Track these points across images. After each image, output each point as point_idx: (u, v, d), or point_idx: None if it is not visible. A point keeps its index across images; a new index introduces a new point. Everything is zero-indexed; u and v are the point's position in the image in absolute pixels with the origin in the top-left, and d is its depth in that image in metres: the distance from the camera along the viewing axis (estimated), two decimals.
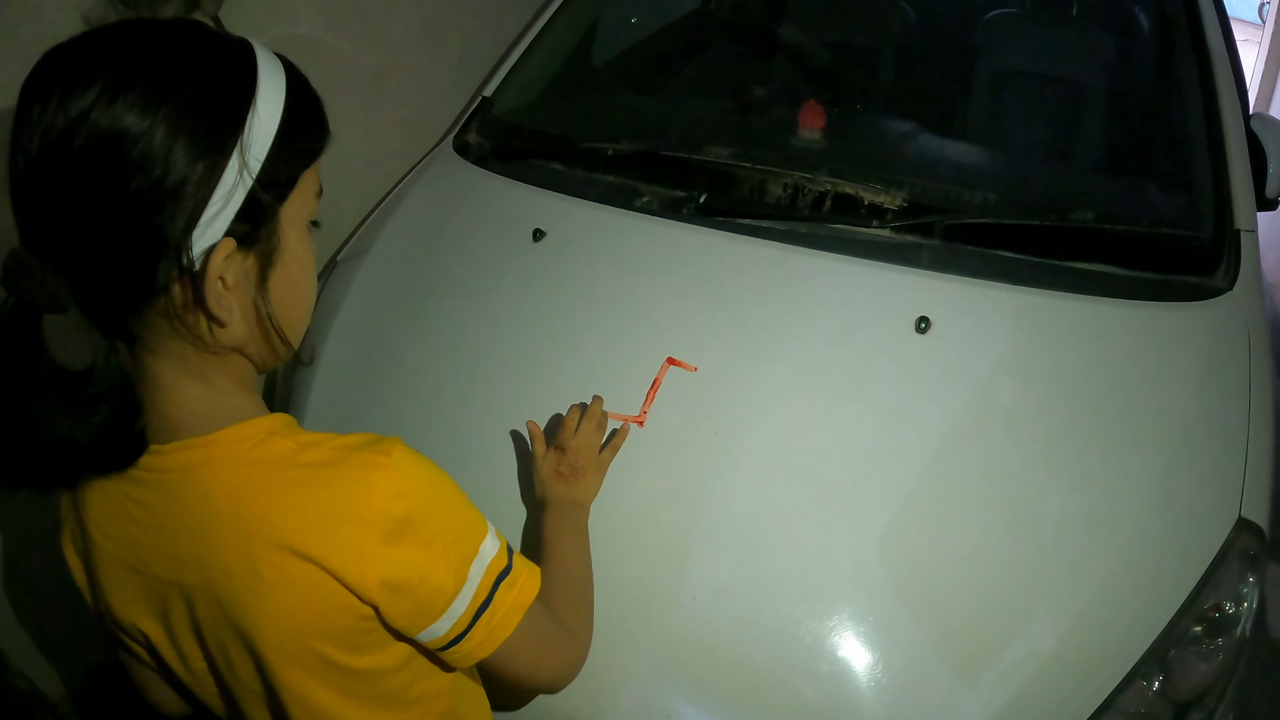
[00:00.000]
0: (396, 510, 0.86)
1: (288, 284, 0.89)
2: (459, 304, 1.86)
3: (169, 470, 0.86)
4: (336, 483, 0.85)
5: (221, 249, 0.79)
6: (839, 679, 1.33)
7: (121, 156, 0.72)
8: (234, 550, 0.85)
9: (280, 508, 0.84)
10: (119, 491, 0.89)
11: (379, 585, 0.85)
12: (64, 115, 0.72)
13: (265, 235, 0.84)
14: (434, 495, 0.91)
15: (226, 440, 0.86)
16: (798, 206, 1.91)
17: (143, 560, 0.91)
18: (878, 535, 1.45)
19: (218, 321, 0.82)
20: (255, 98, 0.80)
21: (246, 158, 0.79)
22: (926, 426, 1.55)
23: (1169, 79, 2.30)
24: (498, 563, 0.96)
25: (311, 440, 0.88)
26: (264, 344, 0.90)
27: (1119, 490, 1.48)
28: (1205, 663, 1.36)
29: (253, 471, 0.86)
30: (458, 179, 2.18)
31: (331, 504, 0.85)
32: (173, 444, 0.86)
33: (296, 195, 0.87)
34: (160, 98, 0.74)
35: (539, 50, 2.53)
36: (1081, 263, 1.77)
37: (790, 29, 2.79)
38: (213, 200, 0.77)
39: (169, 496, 0.87)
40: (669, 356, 1.66)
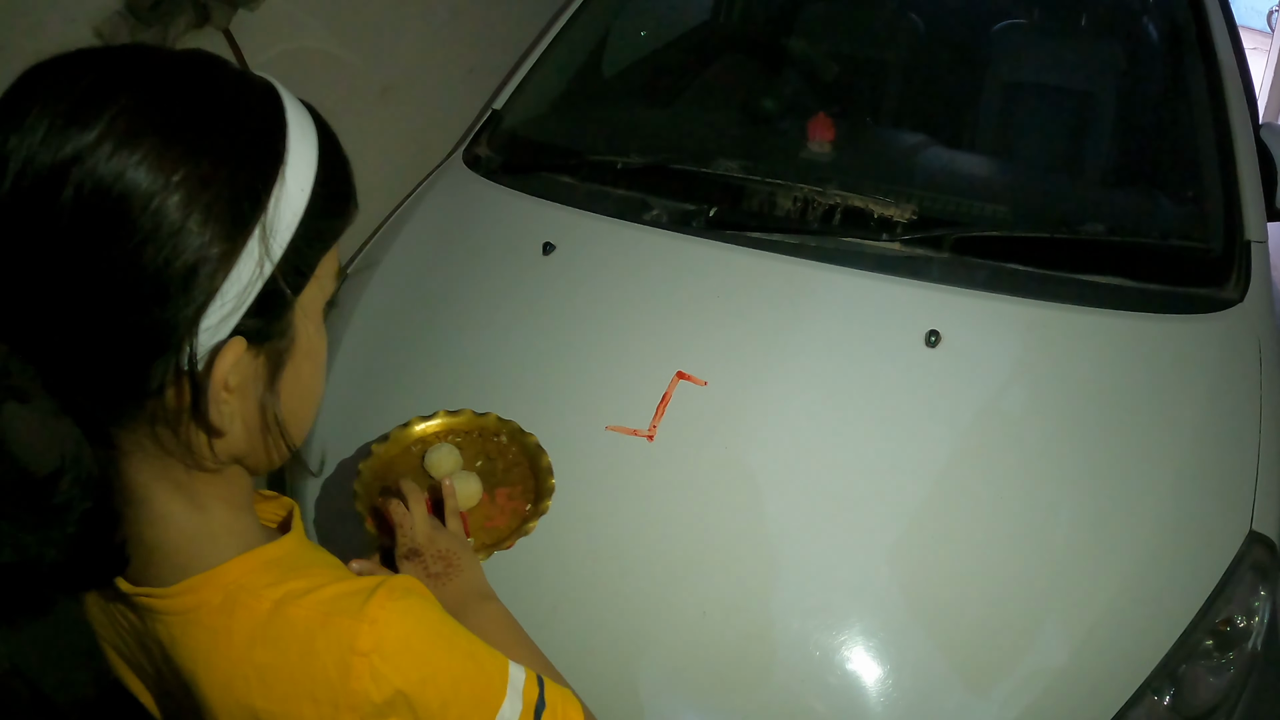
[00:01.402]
0: (377, 694, 0.71)
1: (299, 384, 0.75)
2: (469, 317, 1.86)
3: (144, 607, 0.74)
4: (310, 659, 0.71)
5: (231, 349, 0.65)
6: (849, 694, 1.33)
7: (122, 223, 0.58)
8: (205, 713, 0.73)
9: (247, 685, 0.71)
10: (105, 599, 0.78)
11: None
12: (51, 154, 0.57)
13: (279, 331, 0.70)
14: (429, 671, 0.75)
15: (193, 593, 0.72)
16: (807, 220, 1.91)
17: (135, 658, 0.81)
18: (887, 549, 1.44)
19: (216, 432, 0.68)
20: (284, 166, 0.66)
21: (270, 242, 0.65)
22: (936, 440, 1.55)
23: (1178, 89, 2.29)
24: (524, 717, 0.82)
25: (291, 593, 0.72)
26: (263, 452, 0.75)
27: (1130, 504, 1.47)
28: (1216, 677, 1.36)
29: (218, 640, 0.72)
30: (468, 192, 2.18)
31: (306, 684, 0.71)
32: (140, 589, 0.73)
33: (316, 280, 0.72)
34: (177, 154, 0.60)
35: (549, 63, 2.54)
36: (1091, 275, 1.77)
37: (799, 41, 2.79)
38: (225, 291, 0.63)
39: (145, 624, 0.75)
40: (678, 370, 1.66)
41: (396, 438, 1.43)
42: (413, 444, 1.43)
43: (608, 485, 1.53)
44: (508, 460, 1.41)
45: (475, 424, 1.46)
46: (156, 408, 0.65)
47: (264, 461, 0.76)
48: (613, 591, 1.41)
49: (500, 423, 1.45)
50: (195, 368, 0.64)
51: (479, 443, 1.44)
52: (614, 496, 1.52)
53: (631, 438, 1.59)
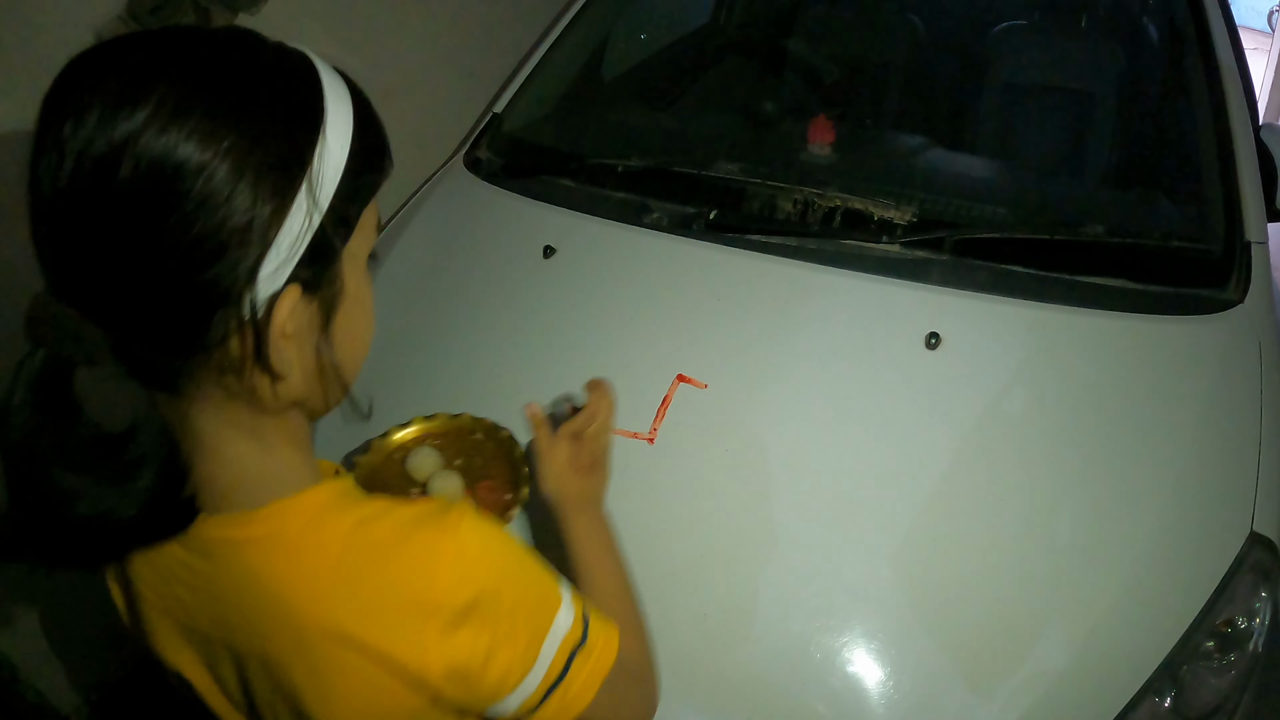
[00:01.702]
0: (462, 595, 0.77)
1: (350, 329, 0.80)
2: (469, 320, 1.87)
3: (220, 542, 0.78)
4: (396, 567, 0.77)
5: (287, 297, 0.69)
6: (850, 696, 1.33)
7: (179, 193, 0.62)
8: (286, 638, 0.77)
9: (335, 596, 0.76)
10: (168, 553, 0.80)
11: (442, 674, 0.78)
12: (106, 137, 0.61)
13: (329, 280, 0.74)
14: (504, 574, 0.83)
15: (277, 517, 0.77)
16: (807, 222, 1.92)
17: (191, 618, 0.84)
18: (888, 551, 1.45)
19: (277, 376, 0.72)
20: (324, 125, 0.70)
21: (317, 195, 0.69)
22: (937, 442, 1.55)
23: (1178, 91, 2.29)
24: (572, 636, 0.88)
25: (370, 514, 0.79)
26: (320, 396, 0.80)
27: (1130, 505, 1.47)
28: (1218, 678, 1.36)
29: (305, 556, 0.77)
30: (468, 195, 2.19)
31: (391, 591, 0.77)
32: (220, 518, 0.77)
33: (359, 231, 0.77)
34: (224, 124, 0.64)
35: (549, 66, 2.54)
36: (1091, 277, 1.77)
37: (799, 44, 2.80)
38: (279, 242, 0.67)
39: (218, 567, 0.79)
40: (679, 374, 1.66)
41: (377, 447, 1.48)
42: (393, 451, 1.49)
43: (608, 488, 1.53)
44: (485, 456, 1.48)
45: (451, 425, 1.51)
46: (223, 357, 0.70)
47: (321, 405, 0.82)
48: None
49: (475, 421, 1.51)
50: (256, 316, 0.68)
51: (457, 443, 1.49)
52: (614, 499, 1.51)
53: (632, 440, 1.59)
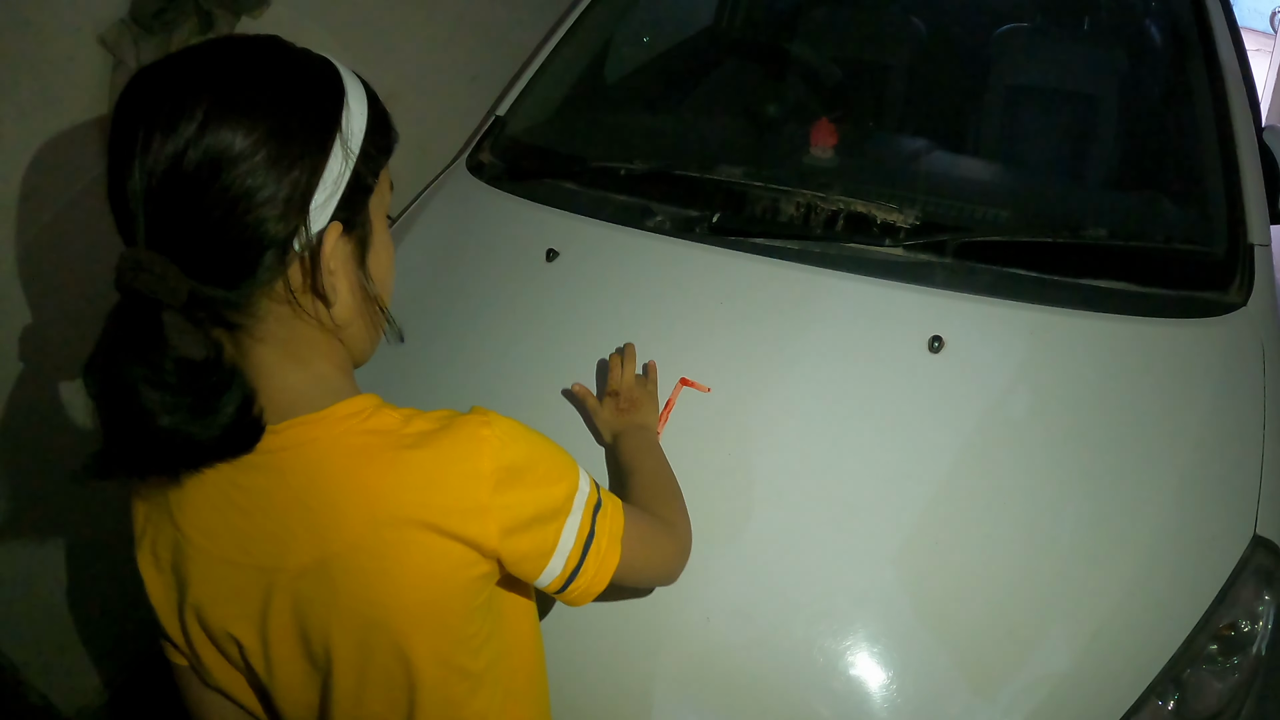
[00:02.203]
0: (505, 459, 0.94)
1: (379, 267, 0.99)
2: (472, 323, 1.87)
3: (281, 449, 0.90)
4: (447, 445, 0.92)
5: (332, 231, 0.88)
6: (853, 700, 1.33)
7: (234, 166, 0.80)
8: (354, 523, 0.90)
9: (398, 477, 0.90)
10: (223, 480, 0.92)
11: (499, 532, 0.93)
12: (174, 140, 0.78)
13: (361, 222, 0.93)
14: (534, 444, 1.01)
15: (338, 415, 0.92)
16: (810, 225, 1.92)
17: (245, 550, 0.94)
18: (892, 555, 1.45)
19: (327, 301, 0.90)
20: (346, 96, 0.90)
21: (349, 146, 0.88)
22: (940, 446, 1.55)
23: (1180, 93, 2.29)
24: (593, 496, 1.07)
25: (414, 412, 0.96)
26: (364, 325, 0.98)
27: (1133, 509, 1.47)
28: (1221, 681, 1.36)
29: (366, 442, 0.91)
30: (471, 198, 2.19)
31: (446, 464, 0.91)
32: (285, 422, 0.91)
33: (379, 187, 0.96)
34: (260, 114, 0.81)
35: (552, 69, 2.54)
36: (1094, 280, 1.76)
37: (802, 46, 2.80)
38: (322, 186, 0.86)
39: (279, 477, 0.91)
40: (682, 377, 1.67)
41: None
42: None
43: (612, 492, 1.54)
44: None
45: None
46: (283, 286, 0.87)
47: (364, 335, 1.00)
48: (617, 597, 1.41)
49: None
50: (310, 245, 0.87)
51: None
52: None
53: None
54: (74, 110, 1.91)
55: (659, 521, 1.27)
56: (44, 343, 1.94)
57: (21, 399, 1.95)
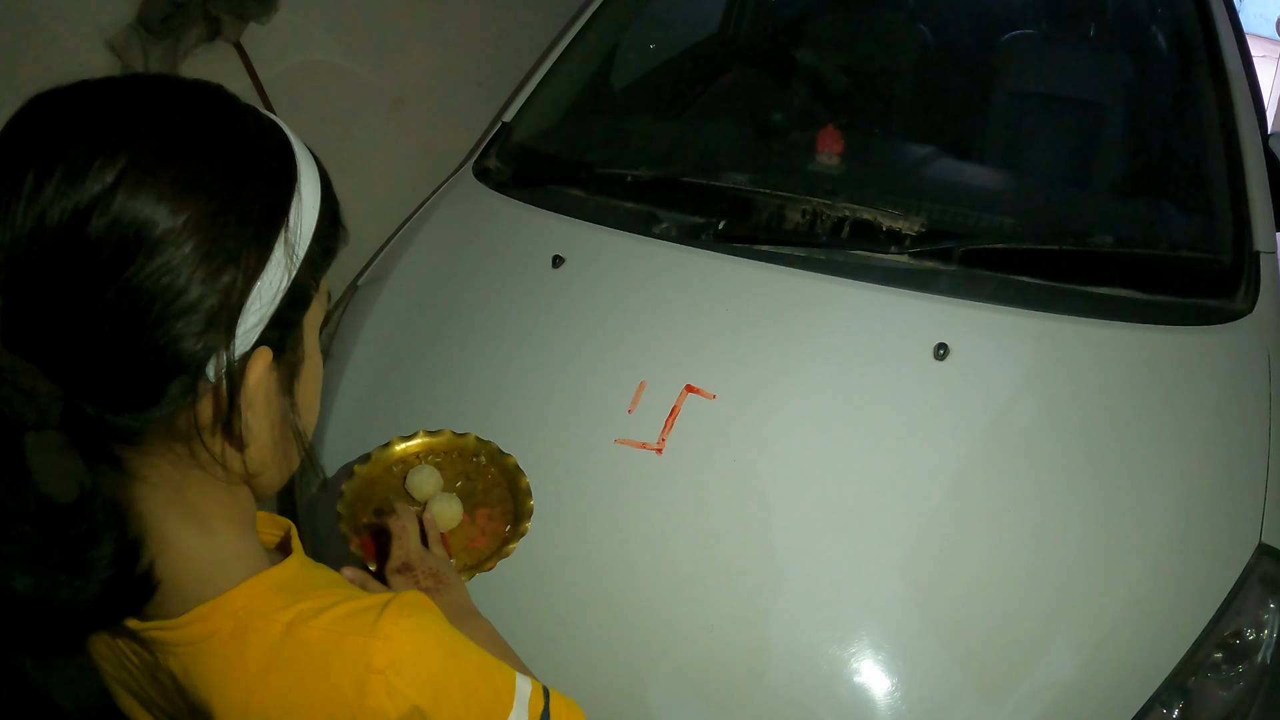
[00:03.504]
0: (395, 710, 0.73)
1: (306, 397, 0.78)
2: (478, 330, 1.87)
3: (151, 640, 0.74)
4: (326, 679, 0.72)
5: (259, 358, 0.67)
6: (858, 707, 1.33)
7: (154, 252, 0.60)
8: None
9: (265, 707, 0.72)
10: (108, 636, 0.78)
11: None
12: (75, 194, 0.59)
13: (293, 344, 0.73)
14: (443, 686, 0.77)
15: (206, 620, 0.72)
16: (816, 232, 1.92)
17: (142, 688, 0.81)
18: (895, 562, 1.45)
19: (240, 444, 0.70)
20: (298, 182, 0.70)
21: (294, 248, 0.68)
22: (945, 453, 1.55)
23: (1186, 100, 2.30)
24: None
25: (302, 614, 0.74)
26: (277, 467, 0.77)
27: (1138, 517, 1.47)
28: (1226, 690, 1.36)
29: (233, 665, 0.72)
30: (477, 204, 2.19)
31: (321, 704, 0.72)
32: (149, 623, 0.73)
33: (317, 299, 0.75)
34: (199, 185, 0.62)
35: (558, 75, 2.55)
36: (1099, 287, 1.77)
37: (808, 53, 2.80)
38: (256, 299, 0.66)
39: (156, 660, 0.75)
40: (687, 384, 1.67)
41: (378, 458, 1.44)
42: (394, 464, 1.45)
43: (617, 499, 1.54)
44: (487, 481, 1.43)
45: (455, 444, 1.47)
46: (187, 421, 0.66)
47: (276, 478, 0.78)
48: (620, 604, 1.41)
49: (479, 443, 1.46)
50: (233, 375, 0.66)
51: (459, 463, 1.45)
52: (623, 510, 1.52)
53: (641, 451, 1.59)
54: None
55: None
56: None
57: None
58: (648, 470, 1.54)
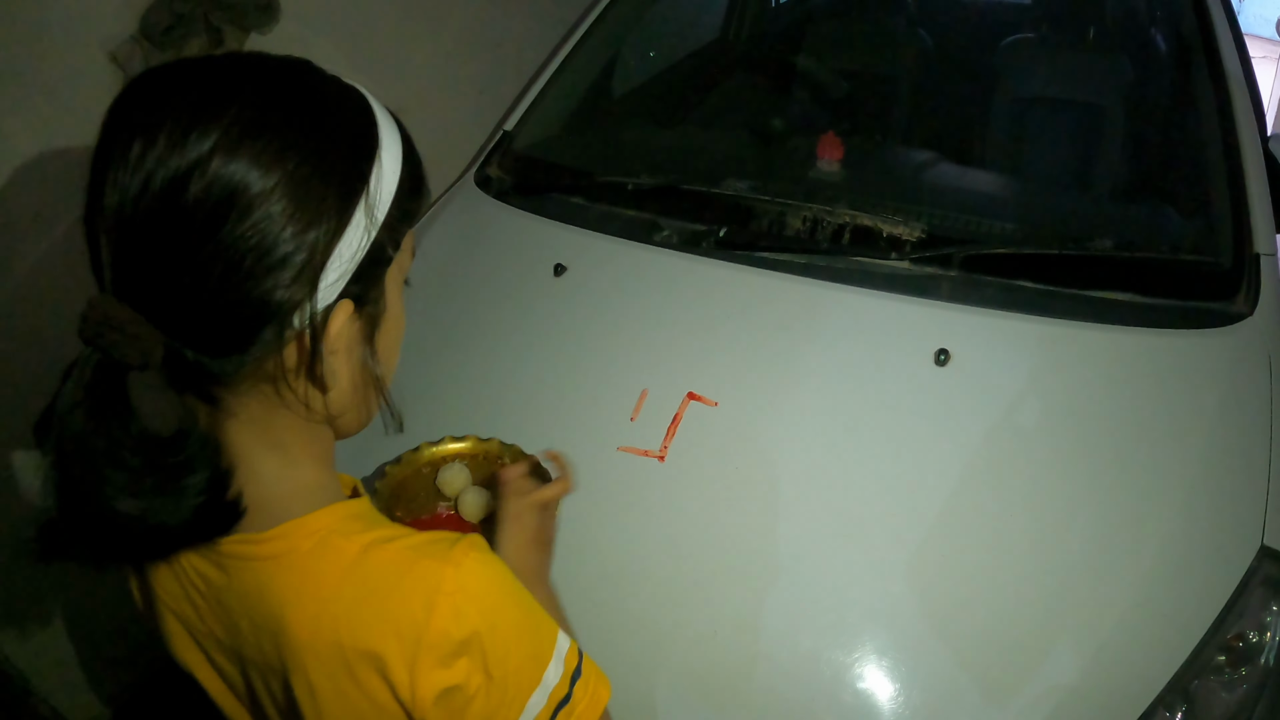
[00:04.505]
0: (457, 632, 0.78)
1: (387, 346, 0.86)
2: (480, 338, 1.88)
3: (232, 556, 0.80)
4: (397, 596, 0.78)
5: (341, 310, 0.75)
6: (860, 712, 1.33)
7: (247, 212, 0.67)
8: (288, 655, 0.79)
9: (337, 620, 0.78)
10: (185, 560, 0.84)
11: (430, 702, 0.78)
12: (177, 160, 0.66)
13: (374, 297, 0.80)
14: (500, 618, 0.82)
15: (289, 537, 0.79)
16: (817, 239, 1.92)
17: (204, 624, 0.86)
18: (898, 567, 1.45)
19: (323, 386, 0.77)
20: (379, 150, 0.76)
21: (375, 210, 0.75)
22: (946, 459, 1.55)
23: (1185, 103, 2.30)
24: (559, 691, 0.88)
25: (378, 538, 0.80)
26: (357, 410, 0.85)
27: (1140, 520, 1.47)
28: (1229, 692, 1.36)
29: (310, 577, 0.79)
30: (479, 213, 2.20)
31: (390, 619, 0.77)
32: (236, 537, 0.79)
33: (401, 253, 0.82)
34: (289, 149, 0.69)
35: (559, 83, 2.56)
36: (1100, 291, 1.77)
37: (808, 60, 2.81)
38: (337, 258, 0.73)
39: (230, 580, 0.81)
40: (689, 391, 1.67)
41: (408, 460, 1.47)
42: (423, 466, 1.47)
43: (619, 506, 1.54)
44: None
45: (480, 448, 1.49)
46: (275, 365, 0.75)
47: (355, 421, 0.87)
48: (624, 611, 1.41)
49: (503, 447, 1.48)
50: (315, 325, 0.73)
51: (484, 466, 1.47)
52: (625, 517, 1.52)
53: (643, 458, 1.60)
54: (85, 126, 1.92)
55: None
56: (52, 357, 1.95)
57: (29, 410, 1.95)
58: (650, 477, 1.55)
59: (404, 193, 0.79)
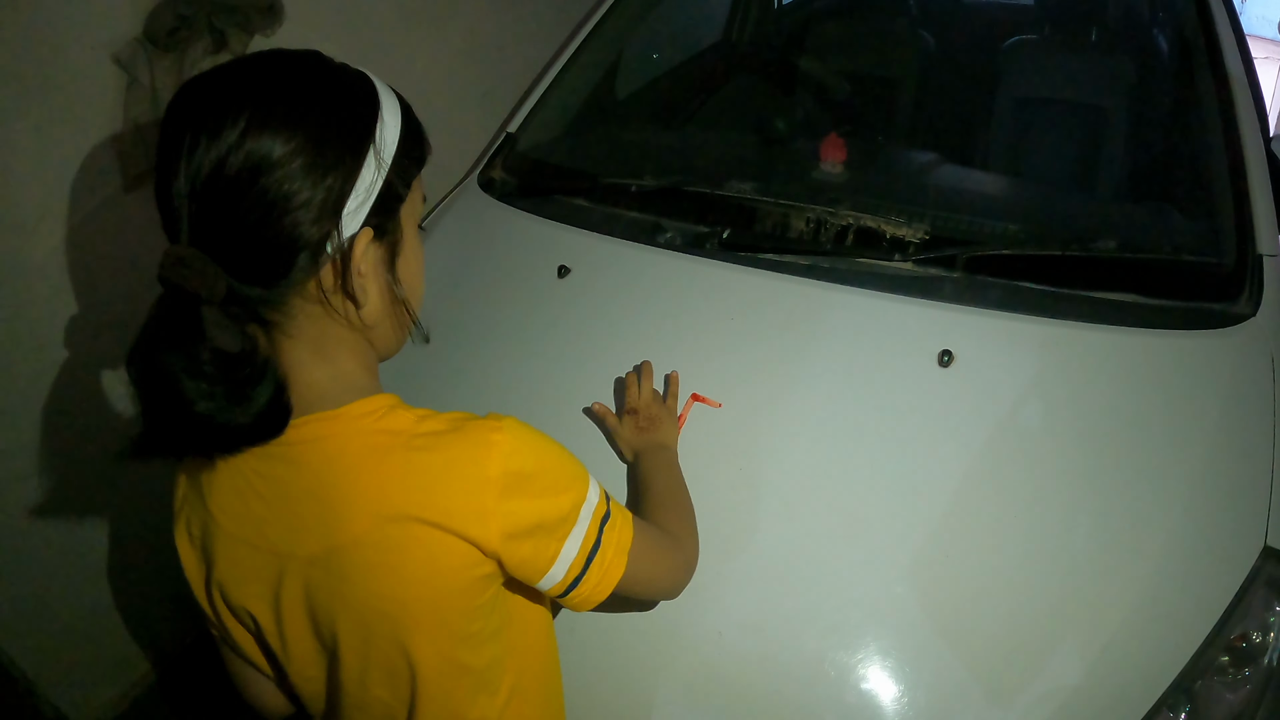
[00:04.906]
0: (513, 465, 0.97)
1: (409, 271, 1.03)
2: (484, 341, 1.88)
3: (300, 442, 0.95)
4: (457, 447, 0.96)
5: (363, 237, 0.93)
6: (864, 713, 1.33)
7: (273, 171, 0.85)
8: (360, 518, 0.94)
9: (405, 476, 0.94)
10: (245, 468, 0.99)
11: (500, 537, 0.96)
12: (218, 146, 0.84)
13: (392, 228, 0.98)
14: (545, 452, 1.03)
15: (354, 413, 0.97)
16: (820, 241, 1.93)
17: (263, 534, 1.00)
18: (902, 568, 1.45)
19: (357, 302, 0.95)
20: (380, 108, 0.95)
21: (382, 156, 0.93)
22: (950, 459, 1.56)
23: (1188, 104, 2.29)
24: (601, 507, 1.09)
25: (428, 413, 0.99)
26: (391, 327, 1.04)
27: (1144, 521, 1.47)
28: (1232, 693, 1.36)
29: (379, 440, 0.95)
30: (483, 215, 2.20)
31: (454, 467, 0.95)
32: (304, 417, 0.95)
33: (412, 195, 1.01)
34: (301, 121, 0.87)
35: (562, 85, 2.56)
36: (1103, 292, 1.77)
37: (811, 61, 2.81)
38: (355, 193, 0.91)
39: (296, 468, 0.96)
40: (693, 393, 1.68)
41: None
42: None
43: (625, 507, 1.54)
44: None
45: None
46: (315, 286, 0.93)
47: (391, 336, 1.06)
48: (629, 612, 1.41)
49: None
50: (342, 249, 0.92)
51: None
52: None
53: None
54: (89, 127, 1.93)
55: (667, 537, 1.28)
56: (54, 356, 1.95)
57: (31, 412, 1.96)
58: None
59: (406, 141, 0.97)
